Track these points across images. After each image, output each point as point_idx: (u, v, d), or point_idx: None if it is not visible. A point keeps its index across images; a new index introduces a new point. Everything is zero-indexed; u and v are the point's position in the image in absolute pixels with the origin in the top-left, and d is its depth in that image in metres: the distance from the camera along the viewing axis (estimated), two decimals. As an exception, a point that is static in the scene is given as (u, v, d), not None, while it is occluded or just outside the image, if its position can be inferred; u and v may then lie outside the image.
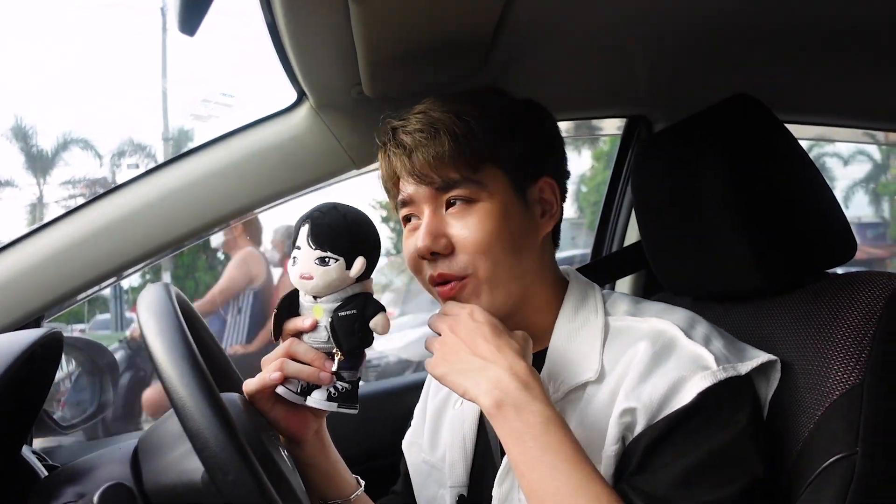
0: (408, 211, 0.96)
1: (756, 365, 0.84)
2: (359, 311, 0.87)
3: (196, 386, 0.70)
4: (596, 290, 0.99)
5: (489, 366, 0.81)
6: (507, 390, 0.79)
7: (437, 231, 0.92)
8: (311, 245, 0.85)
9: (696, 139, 1.03)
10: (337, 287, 0.87)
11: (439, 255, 0.92)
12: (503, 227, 0.92)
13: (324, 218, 0.87)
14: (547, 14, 1.05)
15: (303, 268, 0.86)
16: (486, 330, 0.84)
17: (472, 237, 0.91)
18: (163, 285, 0.85)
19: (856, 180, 18.95)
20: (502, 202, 0.92)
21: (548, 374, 0.92)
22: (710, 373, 0.80)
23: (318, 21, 0.89)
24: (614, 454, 0.82)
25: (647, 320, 0.90)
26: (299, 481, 0.90)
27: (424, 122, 0.91)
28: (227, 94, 16.39)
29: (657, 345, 0.84)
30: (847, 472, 0.78)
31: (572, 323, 0.94)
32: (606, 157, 12.03)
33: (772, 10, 1.16)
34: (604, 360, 0.89)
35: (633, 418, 0.81)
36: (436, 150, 0.90)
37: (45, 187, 17.73)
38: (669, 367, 0.82)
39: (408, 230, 0.97)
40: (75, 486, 0.81)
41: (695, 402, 0.79)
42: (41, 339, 0.87)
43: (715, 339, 0.86)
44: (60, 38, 19.17)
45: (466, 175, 0.91)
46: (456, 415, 1.06)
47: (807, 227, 0.96)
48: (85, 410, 1.35)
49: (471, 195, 0.92)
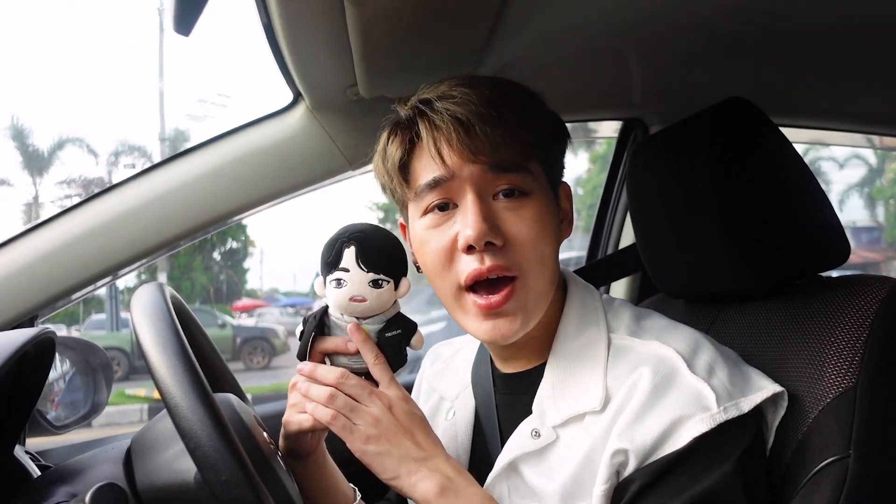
0: (439, 195, 0.85)
1: (759, 401, 0.80)
2: (403, 332, 0.89)
3: (189, 385, 0.70)
4: (595, 297, 0.95)
5: (429, 457, 0.84)
6: (448, 476, 0.83)
7: (490, 218, 0.83)
8: (364, 268, 0.85)
9: (689, 142, 1.03)
10: (385, 308, 0.89)
11: (493, 245, 0.82)
12: (550, 226, 0.87)
13: (371, 240, 0.86)
14: (542, 17, 1.05)
15: (355, 290, 0.86)
16: (422, 422, 0.87)
17: (528, 233, 0.84)
18: (157, 285, 0.85)
19: (851, 184, 19.01)
20: (547, 201, 0.87)
21: (547, 396, 0.88)
22: (710, 416, 0.76)
23: (314, 22, 0.89)
24: (604, 493, 0.79)
25: (648, 344, 0.85)
26: (293, 482, 0.90)
27: (482, 98, 0.83)
28: (222, 94, 16.38)
29: (658, 376, 0.80)
30: (840, 474, 0.78)
31: (575, 340, 0.90)
32: (602, 159, 12.05)
33: (767, 14, 1.16)
34: (607, 384, 0.84)
35: (625, 458, 0.78)
36: (502, 128, 0.81)
37: (40, 186, 17.67)
38: (667, 406, 0.78)
39: (433, 220, 0.86)
40: (67, 486, 0.81)
41: (688, 446, 0.76)
42: (33, 339, 0.86)
43: (719, 370, 0.81)
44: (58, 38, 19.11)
45: (522, 162, 0.84)
46: (448, 427, 1.04)
47: (800, 230, 0.96)
48: (79, 410, 1.34)
49: (525, 185, 0.84)
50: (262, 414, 1.03)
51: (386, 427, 0.83)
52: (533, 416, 0.88)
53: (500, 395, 0.98)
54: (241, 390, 1.10)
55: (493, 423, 0.97)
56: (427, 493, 0.82)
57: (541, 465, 0.86)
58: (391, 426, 0.84)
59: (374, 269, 0.85)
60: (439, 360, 1.15)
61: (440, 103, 0.83)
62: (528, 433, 0.87)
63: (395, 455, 0.83)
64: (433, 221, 0.87)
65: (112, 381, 1.36)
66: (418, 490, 0.82)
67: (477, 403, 1.02)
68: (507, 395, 0.97)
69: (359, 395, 0.86)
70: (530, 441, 0.87)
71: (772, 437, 0.84)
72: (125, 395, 9.47)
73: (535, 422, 0.88)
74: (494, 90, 0.85)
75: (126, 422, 8.23)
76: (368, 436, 0.83)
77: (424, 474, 0.82)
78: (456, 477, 0.83)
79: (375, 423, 0.83)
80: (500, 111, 0.82)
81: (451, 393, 1.07)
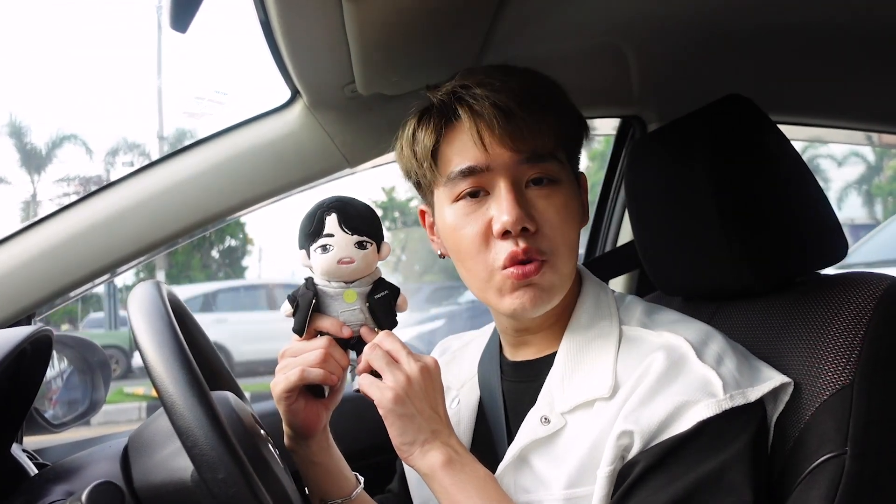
0: (472, 182, 0.88)
1: (767, 391, 0.81)
2: (391, 292, 0.92)
3: (186, 383, 0.70)
4: (608, 293, 0.97)
5: (443, 429, 0.86)
6: (456, 450, 0.86)
7: (523, 206, 0.86)
8: (347, 231, 0.88)
9: (687, 139, 1.03)
10: (370, 270, 0.91)
11: (527, 230, 0.86)
12: (576, 214, 0.91)
13: (350, 205, 0.90)
14: (541, 14, 1.05)
15: (342, 252, 0.88)
16: (442, 395, 0.89)
17: (558, 219, 0.87)
18: (153, 283, 0.84)
19: (849, 182, 19.02)
20: (573, 189, 0.91)
21: (556, 384, 0.90)
22: (715, 402, 0.78)
23: (312, 19, 0.89)
24: (608, 475, 0.80)
25: (660, 334, 0.87)
26: (290, 480, 0.90)
27: (521, 87, 0.86)
28: (220, 91, 16.35)
29: (667, 362, 0.82)
30: (836, 471, 0.79)
31: (587, 331, 0.92)
32: (601, 157, 12.05)
33: (765, 10, 1.16)
34: (617, 372, 0.86)
35: (630, 440, 0.80)
36: (540, 119, 0.85)
37: (38, 184, 17.65)
38: (674, 390, 0.80)
39: (466, 206, 0.89)
40: (64, 485, 0.81)
41: (693, 429, 0.77)
42: (30, 337, 0.86)
43: (728, 359, 0.83)
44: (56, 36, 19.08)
45: (553, 151, 0.88)
46: (452, 415, 1.05)
47: (798, 227, 0.96)
48: (77, 409, 1.34)
49: (555, 174, 0.88)
50: (259, 412, 1.03)
51: (416, 392, 0.84)
52: (541, 403, 0.90)
53: (507, 382, 0.99)
54: (238, 388, 1.10)
55: (498, 410, 0.98)
56: (434, 463, 0.83)
57: (550, 452, 0.87)
58: (420, 392, 0.85)
59: (357, 232, 0.88)
60: (448, 352, 1.17)
61: (479, 90, 0.85)
62: (537, 420, 0.89)
63: (417, 422, 0.84)
64: (466, 209, 0.89)
65: (110, 379, 1.36)
66: (427, 459, 0.84)
67: (482, 391, 1.03)
68: (515, 382, 0.98)
69: (397, 351, 0.87)
70: (540, 428, 0.88)
71: (771, 432, 0.85)
72: (124, 393, 9.46)
73: (543, 409, 0.89)
74: (529, 79, 0.89)
75: (124, 420, 8.21)
76: (398, 395, 0.83)
77: (436, 445, 0.84)
78: (463, 452, 0.86)
79: (408, 385, 0.84)
80: (537, 99, 0.86)
81: (457, 383, 1.09)
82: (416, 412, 0.84)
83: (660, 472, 0.78)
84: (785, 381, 0.83)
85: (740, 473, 0.77)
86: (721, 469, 0.76)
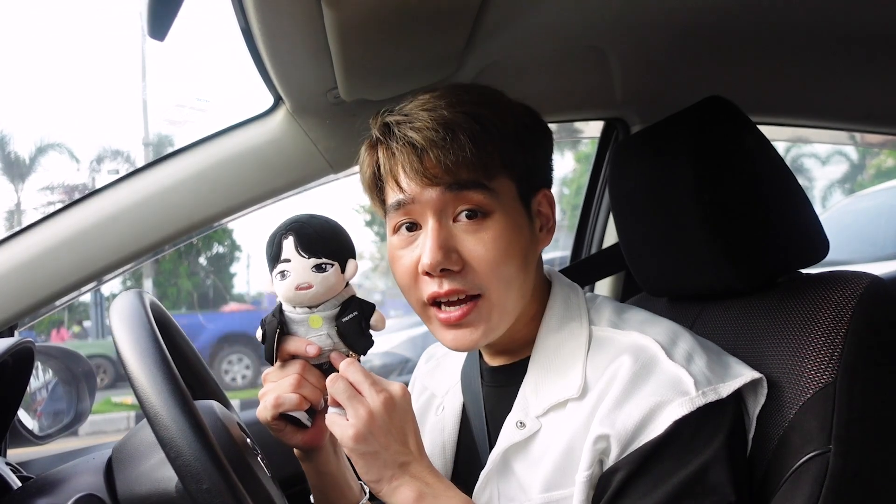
0: (403, 215, 0.88)
1: (738, 386, 0.81)
2: (360, 313, 0.89)
3: (168, 394, 0.70)
4: (579, 294, 0.97)
5: (413, 461, 0.83)
6: (427, 483, 0.83)
7: (447, 245, 0.85)
8: (304, 254, 0.85)
9: (669, 141, 1.04)
10: (335, 292, 0.88)
11: (449, 271, 0.85)
12: (515, 244, 0.87)
13: (308, 227, 0.86)
14: (521, 19, 1.05)
15: (299, 278, 0.85)
16: (412, 423, 0.86)
17: (487, 255, 0.85)
18: (135, 292, 0.84)
19: (833, 180, 19.21)
20: (513, 216, 0.88)
21: (531, 388, 0.90)
22: (688, 399, 0.78)
23: (293, 25, 0.89)
24: (586, 479, 0.81)
25: (628, 334, 0.87)
26: (277, 489, 0.90)
27: (438, 121, 0.83)
28: (202, 99, 16.28)
29: (637, 364, 0.82)
30: (821, 469, 0.79)
31: (557, 334, 0.92)
32: (588, 159, 12.08)
33: (746, 13, 1.17)
34: (587, 373, 0.86)
35: (606, 444, 0.80)
36: (455, 152, 0.82)
37: (22, 193, 17.47)
38: (647, 391, 0.80)
39: (401, 240, 0.89)
40: (47, 498, 0.80)
41: (668, 431, 0.77)
42: (10, 349, 0.85)
43: (697, 357, 0.83)
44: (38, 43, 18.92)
45: (481, 181, 0.85)
46: (437, 422, 1.06)
47: (779, 227, 0.97)
48: (62, 420, 1.33)
49: (485, 205, 0.86)
50: (246, 420, 1.02)
51: (379, 426, 0.81)
52: (517, 408, 0.90)
53: (486, 387, 1.00)
54: (224, 396, 1.09)
55: (479, 414, 0.99)
56: (405, 500, 0.82)
57: (528, 456, 0.88)
58: (384, 426, 0.82)
59: (314, 254, 0.85)
60: (433, 359, 1.17)
61: (399, 129, 0.86)
62: (513, 425, 0.89)
63: (382, 458, 0.82)
64: (401, 241, 0.90)
65: (95, 389, 1.35)
66: (397, 495, 0.82)
67: (465, 396, 1.03)
68: (494, 387, 0.99)
69: (360, 382, 0.84)
70: (517, 432, 0.88)
71: (753, 427, 0.85)
72: (111, 402, 9.36)
73: (519, 413, 0.90)
74: (455, 111, 0.85)
75: (113, 430, 8.13)
76: (358, 433, 0.80)
77: (405, 480, 0.82)
78: (435, 483, 0.84)
79: (370, 420, 0.81)
80: (454, 134, 0.83)
81: (442, 389, 1.09)
82: (380, 448, 0.81)
83: (641, 480, 0.78)
84: (756, 376, 0.83)
85: (721, 473, 0.77)
86: (702, 470, 0.77)
